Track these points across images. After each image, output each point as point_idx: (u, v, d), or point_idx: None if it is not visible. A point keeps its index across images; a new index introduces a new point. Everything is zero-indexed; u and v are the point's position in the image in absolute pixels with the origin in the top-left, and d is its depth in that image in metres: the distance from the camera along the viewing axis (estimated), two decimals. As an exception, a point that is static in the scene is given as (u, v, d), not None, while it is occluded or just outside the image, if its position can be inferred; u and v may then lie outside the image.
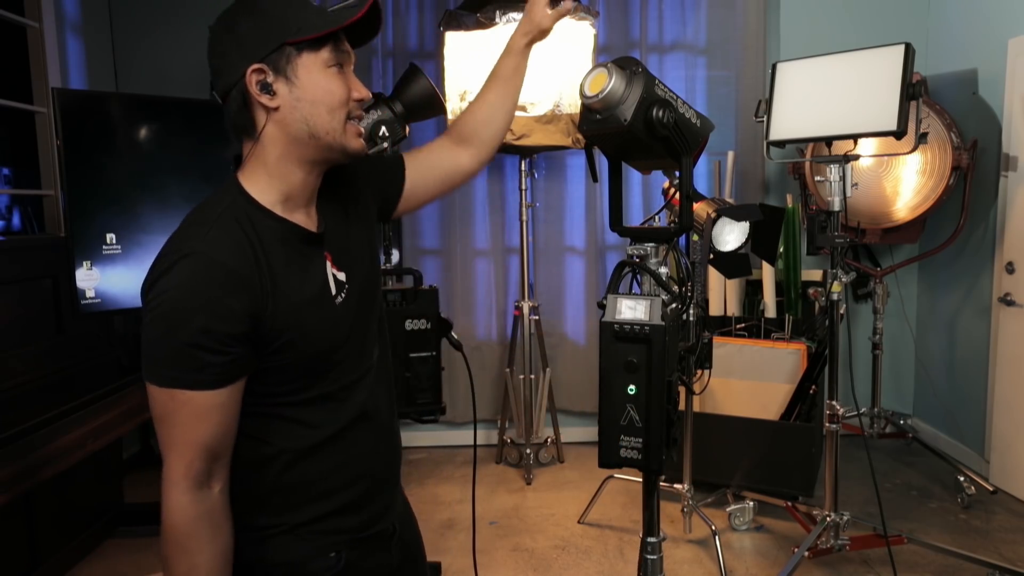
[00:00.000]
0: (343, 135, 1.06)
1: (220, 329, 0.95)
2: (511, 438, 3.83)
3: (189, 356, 0.95)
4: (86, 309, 2.51)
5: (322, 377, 1.08)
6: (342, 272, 1.13)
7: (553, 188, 3.96)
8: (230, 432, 1.02)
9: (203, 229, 0.99)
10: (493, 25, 3.34)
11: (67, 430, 2.33)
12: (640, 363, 1.16)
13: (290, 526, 1.09)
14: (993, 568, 2.55)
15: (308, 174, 1.08)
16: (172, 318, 0.95)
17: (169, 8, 3.84)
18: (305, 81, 1.02)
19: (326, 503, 1.11)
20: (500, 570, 2.74)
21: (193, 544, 0.99)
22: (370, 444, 1.16)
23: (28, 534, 2.57)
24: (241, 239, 1.00)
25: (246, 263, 0.99)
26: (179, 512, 0.98)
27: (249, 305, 0.98)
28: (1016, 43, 3.14)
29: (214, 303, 0.95)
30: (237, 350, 0.98)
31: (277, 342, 1.02)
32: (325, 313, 1.08)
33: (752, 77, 3.81)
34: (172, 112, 2.66)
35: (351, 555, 1.13)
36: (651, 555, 1.34)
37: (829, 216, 2.51)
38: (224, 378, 0.98)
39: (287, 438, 1.07)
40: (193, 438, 0.98)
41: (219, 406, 0.99)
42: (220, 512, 1.03)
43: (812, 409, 3.18)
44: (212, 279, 0.96)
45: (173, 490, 0.98)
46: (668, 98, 1.18)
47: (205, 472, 1.00)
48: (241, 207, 1.03)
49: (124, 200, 2.57)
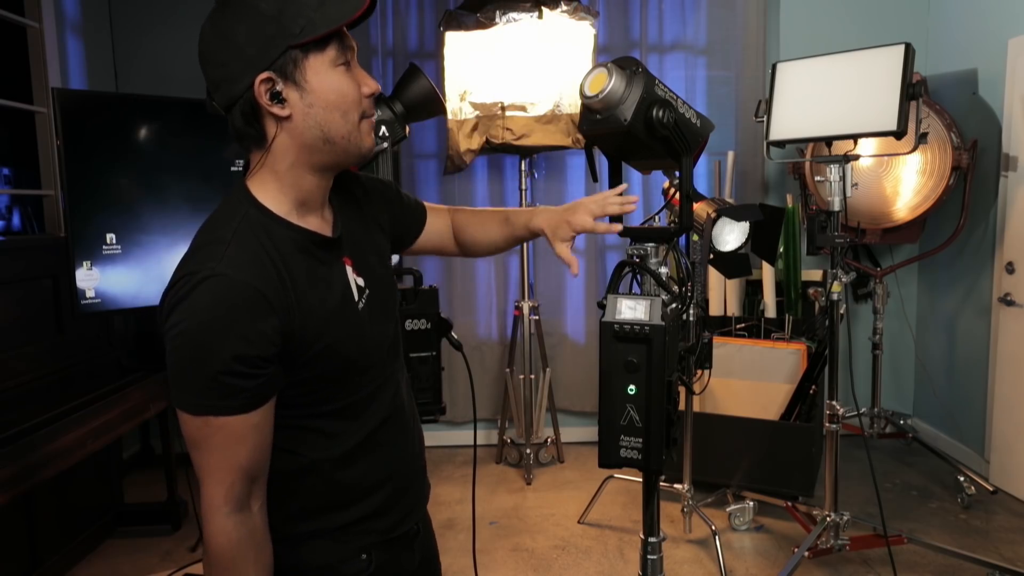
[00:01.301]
0: (358, 135, 1.02)
1: (251, 354, 0.92)
2: (511, 438, 3.84)
3: (220, 384, 0.91)
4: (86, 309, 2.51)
5: (351, 385, 1.07)
6: (362, 277, 1.10)
7: (553, 188, 3.96)
8: (267, 451, 1.00)
9: (220, 248, 0.95)
10: (493, 25, 3.34)
11: (67, 430, 2.33)
12: (640, 363, 1.16)
13: (323, 531, 1.08)
14: (993, 568, 2.55)
15: (321, 179, 1.04)
16: (199, 347, 0.91)
17: (169, 8, 3.84)
18: (315, 85, 0.96)
19: (357, 508, 1.10)
20: (500, 570, 2.74)
21: (240, 566, 0.98)
22: (397, 447, 1.16)
23: (28, 534, 2.57)
24: (260, 255, 0.96)
25: (270, 281, 0.95)
26: (223, 536, 0.96)
27: (278, 324, 0.94)
28: (1016, 43, 3.14)
29: (243, 327, 0.91)
30: (268, 370, 0.95)
31: (307, 355, 0.99)
32: (350, 320, 1.05)
33: (752, 77, 3.81)
34: (172, 112, 2.66)
35: (380, 557, 1.13)
36: (651, 555, 1.34)
37: (829, 216, 2.51)
38: (257, 400, 0.95)
39: (318, 449, 1.06)
40: (231, 462, 0.95)
41: (254, 427, 0.96)
42: (261, 530, 1.01)
43: (812, 409, 3.18)
44: (237, 302, 0.91)
45: (216, 515, 0.96)
46: (668, 98, 1.18)
47: (245, 493, 0.98)
48: (255, 219, 0.99)
49: (124, 200, 2.57)
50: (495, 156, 3.84)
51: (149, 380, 2.86)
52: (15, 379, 2.50)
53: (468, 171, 3.72)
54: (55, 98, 2.45)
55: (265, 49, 0.94)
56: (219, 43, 0.96)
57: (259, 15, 0.93)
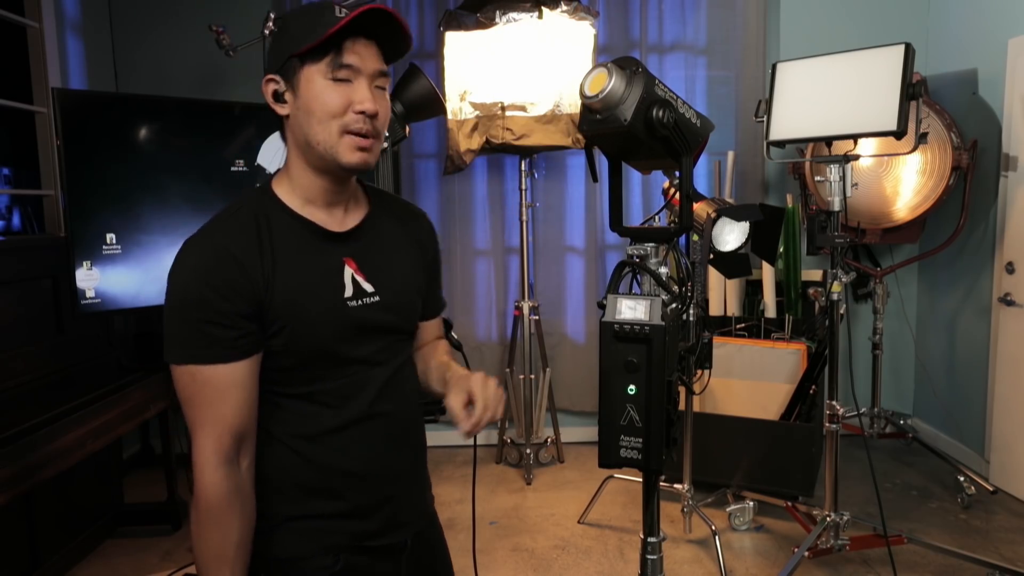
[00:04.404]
0: (336, 147, 1.07)
1: (224, 307, 1.03)
2: (511, 438, 3.84)
3: (199, 332, 1.03)
4: (86, 309, 2.51)
5: (324, 372, 1.12)
6: (369, 283, 1.16)
7: (553, 188, 3.96)
8: (251, 411, 1.08)
9: (218, 222, 1.09)
10: (493, 25, 3.34)
11: (67, 430, 2.33)
12: (640, 363, 1.16)
13: (294, 517, 1.13)
14: (993, 568, 2.55)
15: (321, 179, 1.12)
16: (180, 298, 1.04)
17: (169, 8, 3.84)
18: (304, 91, 1.07)
19: (327, 502, 1.14)
20: (500, 570, 2.74)
21: (227, 519, 1.06)
22: (374, 450, 1.17)
23: (28, 534, 2.57)
24: (249, 227, 1.08)
25: (248, 246, 1.06)
26: (212, 488, 1.04)
27: (247, 283, 1.04)
28: (1016, 43, 3.14)
29: (216, 281, 1.03)
30: (244, 326, 1.04)
31: (275, 325, 1.07)
32: (329, 308, 1.11)
33: (752, 77, 3.81)
34: (172, 112, 2.66)
35: (353, 560, 1.15)
36: (651, 555, 1.34)
37: (829, 216, 2.51)
38: (234, 352, 1.04)
39: (288, 426, 1.12)
40: (218, 417, 1.04)
41: (236, 384, 1.05)
42: (247, 487, 1.09)
43: (812, 409, 3.18)
44: (212, 260, 1.04)
45: (206, 467, 1.04)
46: (668, 98, 1.18)
47: (234, 450, 1.06)
48: (263, 204, 1.12)
49: (124, 200, 2.56)
50: (495, 156, 3.84)
51: (149, 380, 2.85)
52: (15, 379, 2.50)
53: (468, 171, 3.72)
54: (55, 98, 2.45)
55: (277, 56, 1.10)
56: (268, 51, 1.16)
57: (286, 29, 1.11)
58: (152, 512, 3.15)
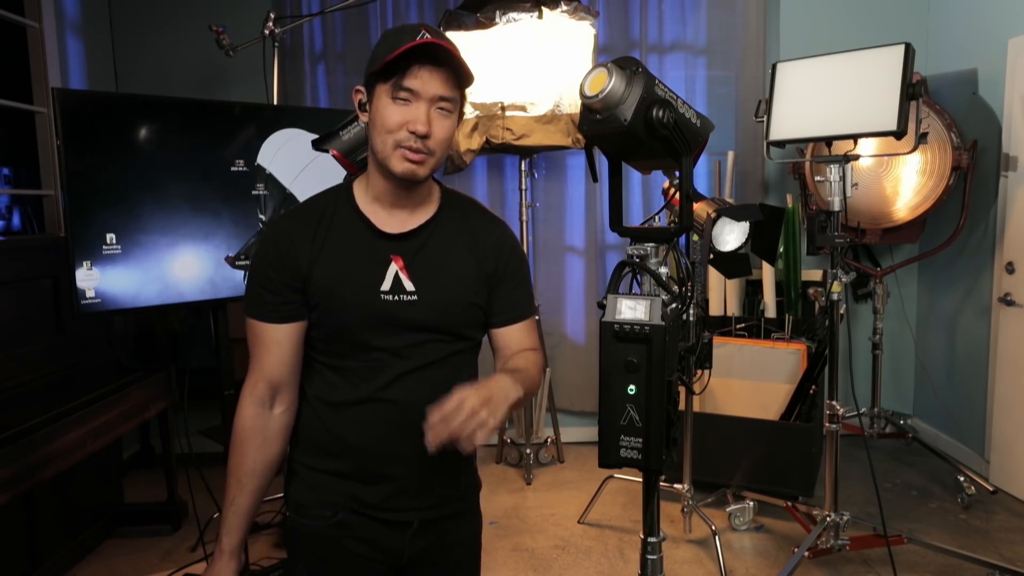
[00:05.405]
0: (389, 156, 1.22)
1: (271, 275, 1.26)
2: (511, 438, 3.84)
3: (256, 294, 1.27)
4: (86, 309, 2.50)
5: (349, 351, 1.26)
6: (412, 282, 1.26)
7: (553, 188, 3.96)
8: (287, 368, 1.28)
9: (295, 209, 1.33)
10: (493, 25, 3.34)
11: (67, 430, 2.33)
12: (640, 363, 1.16)
13: (309, 468, 1.31)
14: (993, 568, 2.55)
15: (385, 180, 1.27)
16: (253, 264, 1.30)
17: (169, 8, 3.84)
18: (374, 105, 1.23)
19: (331, 462, 1.30)
20: (500, 570, 2.74)
21: (245, 447, 1.28)
22: (376, 430, 1.27)
23: (28, 534, 2.57)
24: (313, 216, 1.28)
25: (304, 230, 1.26)
26: (240, 420, 1.28)
27: (293, 261, 1.25)
28: (1016, 43, 3.14)
29: (270, 253, 1.27)
30: (288, 296, 1.25)
31: (313, 300, 1.26)
32: (361, 297, 1.24)
33: (752, 77, 3.81)
34: (172, 112, 2.65)
35: (351, 519, 1.29)
36: (651, 555, 1.34)
37: (829, 216, 2.51)
38: (276, 314, 1.26)
39: (317, 389, 1.30)
40: (259, 364, 1.28)
41: (277, 341, 1.26)
42: (273, 429, 1.30)
43: (812, 409, 3.18)
44: (274, 237, 1.28)
45: (242, 402, 1.28)
46: (668, 98, 1.18)
47: (267, 394, 1.28)
48: (337, 197, 1.31)
49: (124, 200, 2.56)
50: (495, 156, 3.84)
51: (149, 380, 2.85)
52: (15, 379, 2.50)
53: (468, 171, 3.72)
54: (55, 98, 2.44)
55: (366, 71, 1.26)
56: None
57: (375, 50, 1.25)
58: (152, 512, 3.15)
